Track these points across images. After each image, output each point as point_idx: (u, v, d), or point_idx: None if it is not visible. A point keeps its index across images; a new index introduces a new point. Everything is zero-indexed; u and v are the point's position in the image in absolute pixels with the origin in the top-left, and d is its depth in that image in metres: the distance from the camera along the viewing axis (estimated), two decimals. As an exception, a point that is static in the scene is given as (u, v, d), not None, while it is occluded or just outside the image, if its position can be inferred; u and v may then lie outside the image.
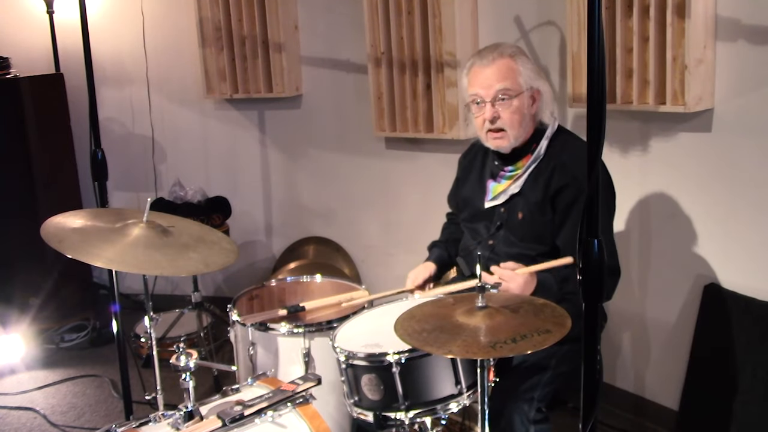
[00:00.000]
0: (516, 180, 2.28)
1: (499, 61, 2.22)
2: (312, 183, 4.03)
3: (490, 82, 2.21)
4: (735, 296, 2.54)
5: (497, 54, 2.22)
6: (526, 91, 2.23)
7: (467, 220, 2.44)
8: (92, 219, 2.22)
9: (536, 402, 2.13)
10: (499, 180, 2.34)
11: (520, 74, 2.21)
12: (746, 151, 2.47)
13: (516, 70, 2.21)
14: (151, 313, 2.59)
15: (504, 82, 2.20)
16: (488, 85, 2.22)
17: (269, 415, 1.88)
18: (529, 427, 2.10)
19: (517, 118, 2.22)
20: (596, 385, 1.54)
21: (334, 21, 3.70)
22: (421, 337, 1.71)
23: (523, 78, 2.22)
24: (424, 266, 2.49)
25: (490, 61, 2.22)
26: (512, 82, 2.21)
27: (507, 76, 2.21)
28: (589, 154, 1.44)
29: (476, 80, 2.25)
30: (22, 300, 3.80)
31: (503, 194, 2.30)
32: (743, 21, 2.39)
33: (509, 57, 2.22)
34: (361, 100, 3.63)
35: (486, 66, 2.22)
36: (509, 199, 2.29)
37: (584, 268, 1.47)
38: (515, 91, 2.21)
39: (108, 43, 4.24)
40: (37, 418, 3.24)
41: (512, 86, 2.21)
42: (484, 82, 2.23)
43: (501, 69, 2.21)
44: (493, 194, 2.34)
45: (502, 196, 2.30)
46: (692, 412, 2.70)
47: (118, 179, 4.24)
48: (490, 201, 2.34)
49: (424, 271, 2.46)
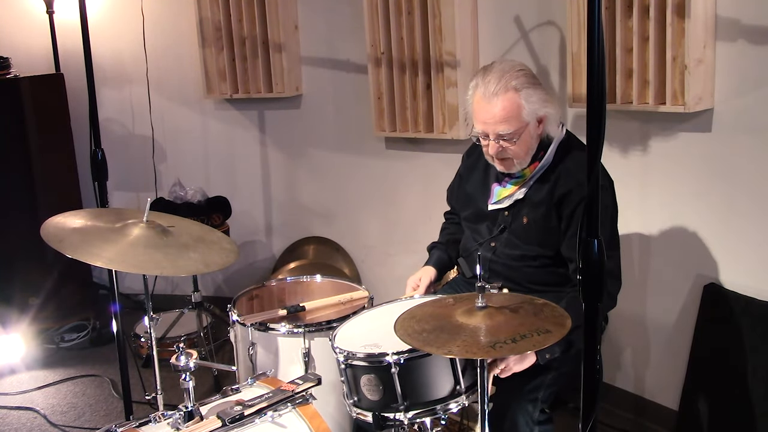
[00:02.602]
0: (522, 186, 2.26)
1: (502, 96, 2.11)
2: (312, 183, 4.03)
3: (493, 121, 2.14)
4: (735, 296, 2.54)
5: (502, 86, 2.12)
6: (532, 122, 2.17)
7: (469, 220, 2.44)
8: (92, 219, 2.22)
9: (540, 402, 2.13)
10: (504, 184, 2.31)
11: (523, 109, 2.13)
12: (746, 151, 2.47)
13: (520, 106, 2.12)
14: (151, 313, 2.59)
15: (506, 125, 2.13)
16: (491, 125, 2.15)
17: (269, 415, 1.88)
18: (534, 427, 2.10)
19: (523, 149, 2.18)
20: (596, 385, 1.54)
21: (334, 21, 3.70)
22: (421, 337, 1.71)
23: (527, 112, 2.14)
24: (424, 271, 2.47)
25: (493, 94, 2.12)
26: (515, 122, 2.13)
27: (509, 115, 2.12)
28: (589, 154, 1.44)
29: (479, 114, 2.18)
30: (22, 300, 3.80)
31: (508, 199, 2.28)
32: (743, 21, 2.39)
33: (514, 90, 2.12)
34: (361, 100, 3.63)
35: (489, 101, 2.13)
36: (513, 204, 2.28)
37: (584, 268, 1.47)
38: (518, 131, 2.14)
39: (108, 43, 4.24)
40: (37, 418, 3.24)
41: (515, 127, 2.13)
42: (487, 120, 2.15)
43: (504, 107, 2.12)
44: (497, 198, 2.32)
45: (506, 201, 2.29)
46: (692, 412, 2.70)
47: (118, 179, 4.24)
48: (493, 204, 2.32)
49: (425, 277, 2.44)
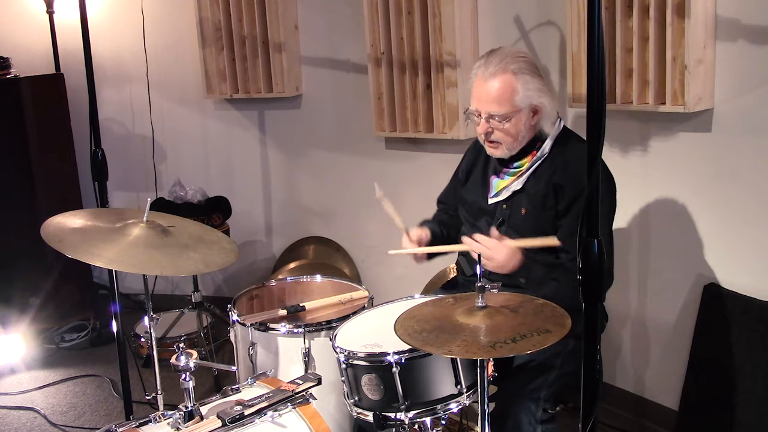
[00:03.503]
0: (519, 177, 2.27)
1: (500, 77, 2.15)
2: (312, 183, 4.03)
3: (486, 100, 2.18)
4: (735, 296, 2.54)
5: (500, 68, 2.16)
6: (525, 109, 2.18)
7: (468, 216, 2.44)
8: (92, 219, 2.22)
9: (542, 402, 2.13)
10: (502, 176, 2.34)
11: (517, 93, 2.16)
12: (746, 151, 2.47)
13: (514, 90, 2.15)
14: (151, 313, 2.59)
15: (497, 107, 2.16)
16: (484, 103, 2.19)
17: (269, 415, 1.88)
18: (537, 427, 2.10)
19: (512, 134, 2.20)
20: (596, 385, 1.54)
21: (334, 21, 3.70)
22: (421, 337, 1.71)
23: (520, 97, 2.16)
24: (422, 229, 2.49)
25: (491, 75, 2.16)
26: (507, 105, 2.16)
27: (502, 97, 2.16)
28: (589, 154, 1.44)
29: (476, 92, 2.22)
30: (22, 300, 3.80)
31: (506, 190, 2.30)
32: (743, 21, 2.39)
33: (512, 73, 2.15)
34: (361, 100, 3.63)
35: (486, 80, 2.17)
36: (511, 195, 2.29)
37: (584, 267, 1.47)
38: (509, 114, 2.17)
39: (108, 43, 4.24)
40: (37, 418, 3.24)
41: (506, 110, 2.16)
42: (481, 98, 2.20)
43: (499, 88, 2.15)
44: (495, 190, 2.34)
45: (504, 192, 2.30)
46: (692, 412, 2.70)
47: (118, 179, 4.24)
48: (492, 197, 2.34)
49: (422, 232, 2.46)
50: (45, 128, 3.84)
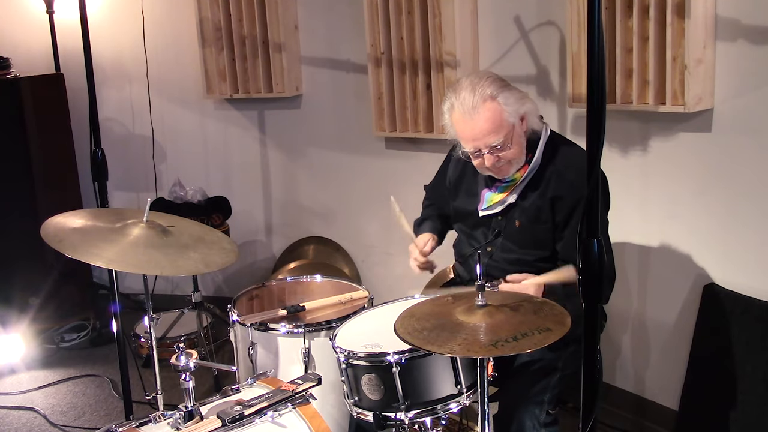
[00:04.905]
0: (513, 190, 2.24)
1: (481, 108, 2.10)
2: (312, 183, 4.03)
3: (481, 135, 2.12)
4: (735, 296, 2.54)
5: (479, 99, 2.10)
6: (516, 122, 2.15)
7: (465, 227, 2.43)
8: (92, 219, 2.22)
9: (546, 404, 2.13)
10: (494, 189, 2.30)
11: (505, 113, 2.12)
12: (746, 151, 2.47)
13: (501, 112, 2.11)
14: (151, 313, 2.59)
15: (495, 136, 2.11)
16: (480, 139, 2.13)
17: (269, 415, 1.88)
18: (540, 429, 2.10)
19: (518, 150, 2.17)
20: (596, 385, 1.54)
21: (334, 21, 3.70)
22: (421, 336, 1.71)
23: (508, 114, 2.13)
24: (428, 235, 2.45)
25: (473, 108, 2.10)
26: (503, 129, 2.12)
27: (495, 124, 2.11)
28: (589, 155, 1.44)
29: (465, 133, 2.16)
30: (22, 300, 3.80)
31: (499, 204, 2.27)
32: (743, 21, 2.39)
33: (490, 99, 2.10)
34: (361, 100, 3.63)
35: (471, 118, 2.12)
36: (506, 208, 2.27)
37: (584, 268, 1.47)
38: (508, 136, 2.13)
39: (108, 43, 4.24)
40: (37, 418, 3.24)
41: (504, 134, 2.12)
42: (475, 135, 2.13)
43: (488, 117, 2.10)
44: (488, 203, 2.30)
45: (498, 206, 2.27)
46: (692, 412, 2.70)
47: (118, 179, 4.24)
48: (484, 210, 2.31)
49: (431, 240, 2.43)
50: (45, 128, 3.84)
